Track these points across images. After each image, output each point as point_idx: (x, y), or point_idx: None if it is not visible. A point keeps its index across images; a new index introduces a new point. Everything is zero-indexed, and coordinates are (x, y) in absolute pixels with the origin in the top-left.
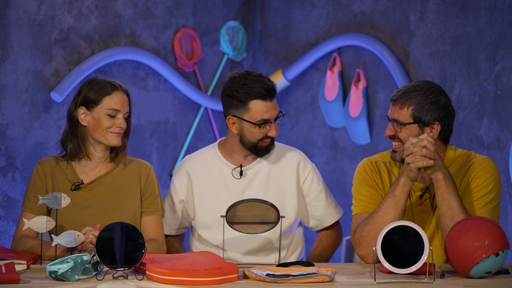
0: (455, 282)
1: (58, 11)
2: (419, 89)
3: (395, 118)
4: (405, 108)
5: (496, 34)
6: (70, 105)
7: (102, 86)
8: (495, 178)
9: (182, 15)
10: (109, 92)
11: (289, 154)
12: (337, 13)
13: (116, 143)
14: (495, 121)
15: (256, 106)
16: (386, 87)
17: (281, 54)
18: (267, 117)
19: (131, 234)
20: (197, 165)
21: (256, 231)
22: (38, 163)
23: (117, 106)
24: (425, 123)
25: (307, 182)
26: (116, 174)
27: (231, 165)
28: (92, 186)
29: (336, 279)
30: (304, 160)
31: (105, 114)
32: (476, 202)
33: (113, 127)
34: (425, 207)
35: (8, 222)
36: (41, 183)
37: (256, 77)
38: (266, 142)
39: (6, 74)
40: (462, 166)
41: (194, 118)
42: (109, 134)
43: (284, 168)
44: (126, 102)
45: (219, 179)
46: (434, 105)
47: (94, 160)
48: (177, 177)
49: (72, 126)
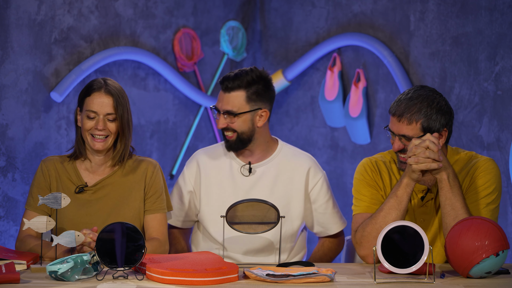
0: (455, 282)
1: (58, 11)
2: (421, 99)
3: (403, 134)
4: (414, 123)
5: (496, 34)
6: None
7: (88, 86)
8: (497, 179)
9: (182, 15)
10: (89, 93)
11: (300, 158)
12: (337, 13)
13: (96, 147)
14: (495, 121)
15: (220, 95)
16: (386, 87)
17: (281, 54)
18: (217, 105)
19: (131, 235)
20: (208, 158)
21: (256, 231)
22: (42, 161)
23: (94, 107)
24: (435, 132)
25: (316, 189)
26: (120, 175)
27: (241, 162)
28: (95, 188)
29: (336, 279)
30: (315, 166)
31: (85, 116)
32: (478, 203)
33: (92, 129)
34: (427, 209)
35: (8, 222)
36: (45, 182)
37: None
38: (226, 135)
39: (6, 74)
40: (464, 167)
41: (194, 118)
42: (90, 137)
43: (294, 171)
44: (108, 104)
45: (227, 174)
46: (440, 112)
47: (94, 161)
48: (188, 168)
49: (76, 127)
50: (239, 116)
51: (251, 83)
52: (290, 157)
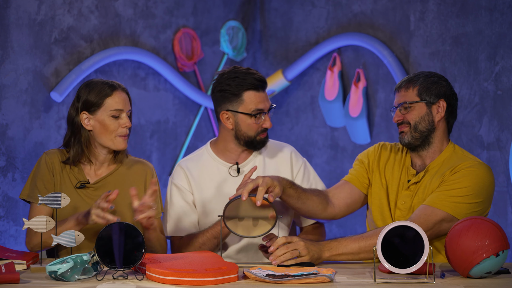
0: (455, 282)
1: (58, 11)
2: (421, 74)
3: (401, 101)
4: (410, 89)
5: (496, 34)
6: (70, 110)
7: (101, 88)
8: (479, 183)
9: (182, 15)
10: (110, 93)
11: (282, 148)
12: (337, 13)
13: (123, 147)
14: (495, 121)
15: (250, 97)
16: (386, 87)
17: (281, 54)
18: (261, 107)
19: (131, 234)
20: (193, 168)
21: (254, 235)
22: (45, 154)
23: (119, 106)
24: (432, 101)
25: (299, 176)
26: (120, 174)
27: (227, 164)
28: (97, 186)
29: (336, 279)
30: (295, 153)
31: (109, 116)
32: (442, 193)
33: (120, 128)
34: (411, 192)
35: (8, 222)
36: (50, 174)
37: (245, 70)
38: (263, 135)
39: (6, 74)
40: (451, 163)
41: (194, 118)
42: (117, 139)
43: (279, 161)
44: (127, 100)
45: (218, 179)
46: (437, 84)
47: (98, 162)
48: (178, 179)
49: (74, 132)
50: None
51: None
52: (272, 149)
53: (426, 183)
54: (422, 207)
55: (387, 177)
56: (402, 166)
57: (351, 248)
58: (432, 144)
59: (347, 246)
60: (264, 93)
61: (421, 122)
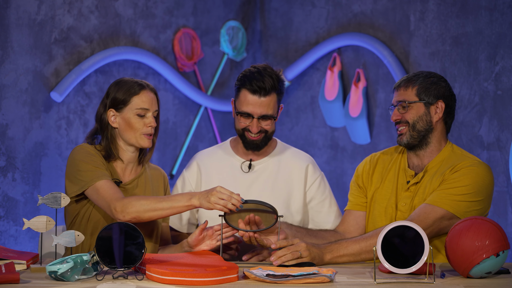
0: (455, 282)
1: (58, 11)
2: (420, 74)
3: (400, 100)
4: (409, 88)
5: (496, 34)
6: (99, 107)
7: (129, 86)
8: (479, 181)
9: (182, 15)
10: (137, 92)
11: (300, 157)
12: (337, 13)
13: (147, 145)
14: (495, 121)
15: (243, 96)
16: (386, 87)
17: (281, 54)
18: (247, 110)
19: (131, 234)
20: (207, 158)
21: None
22: (80, 146)
23: (145, 105)
24: (430, 102)
25: (313, 188)
26: (146, 177)
27: (241, 159)
28: (129, 187)
29: (336, 279)
30: (313, 165)
31: (134, 114)
32: (442, 191)
33: (144, 127)
34: (410, 193)
35: (8, 222)
36: (101, 158)
37: (262, 70)
38: (250, 136)
39: (6, 74)
40: (451, 162)
41: (194, 118)
42: (141, 137)
43: (294, 169)
44: (155, 100)
45: (228, 172)
46: (436, 85)
47: (125, 160)
48: (188, 169)
49: (102, 129)
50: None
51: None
52: (289, 155)
53: (426, 183)
54: (422, 206)
55: (384, 183)
56: (398, 169)
57: (352, 249)
58: (430, 144)
59: (348, 247)
60: (261, 99)
61: (419, 121)
